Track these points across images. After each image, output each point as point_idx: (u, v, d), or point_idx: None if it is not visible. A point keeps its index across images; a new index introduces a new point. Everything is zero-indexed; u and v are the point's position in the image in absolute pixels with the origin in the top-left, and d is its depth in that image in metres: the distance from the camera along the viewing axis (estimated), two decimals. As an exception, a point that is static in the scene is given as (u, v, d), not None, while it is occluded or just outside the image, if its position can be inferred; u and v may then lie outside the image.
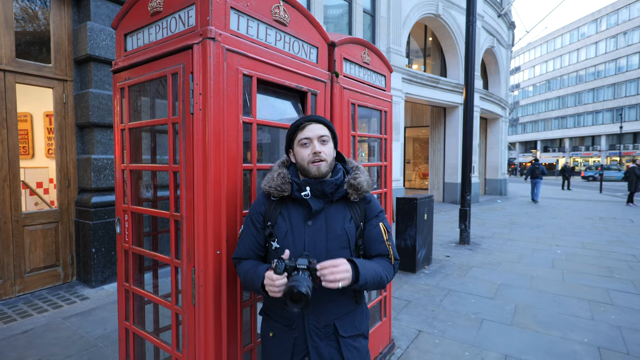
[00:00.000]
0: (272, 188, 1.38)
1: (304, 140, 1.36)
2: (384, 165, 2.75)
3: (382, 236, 1.42)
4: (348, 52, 2.30)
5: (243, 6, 1.61)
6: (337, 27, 9.13)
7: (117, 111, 1.91)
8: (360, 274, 1.25)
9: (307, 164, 1.36)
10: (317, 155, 1.34)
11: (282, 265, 1.22)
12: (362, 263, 1.30)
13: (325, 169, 1.36)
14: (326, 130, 1.39)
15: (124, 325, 1.98)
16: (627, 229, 8.56)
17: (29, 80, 4.00)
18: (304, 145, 1.37)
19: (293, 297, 1.16)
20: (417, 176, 19.48)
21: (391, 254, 1.42)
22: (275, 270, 1.22)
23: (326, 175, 1.38)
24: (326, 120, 1.43)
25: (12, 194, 3.91)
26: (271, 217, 1.41)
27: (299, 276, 1.20)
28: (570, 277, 4.89)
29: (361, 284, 1.26)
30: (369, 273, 1.29)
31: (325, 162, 1.36)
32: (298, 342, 1.38)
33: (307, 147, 1.36)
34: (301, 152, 1.37)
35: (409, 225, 5.13)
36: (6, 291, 3.88)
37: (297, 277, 1.20)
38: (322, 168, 1.36)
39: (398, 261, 1.47)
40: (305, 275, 1.21)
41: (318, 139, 1.36)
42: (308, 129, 1.37)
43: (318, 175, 1.36)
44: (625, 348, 3.02)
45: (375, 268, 1.33)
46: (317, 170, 1.35)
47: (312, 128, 1.37)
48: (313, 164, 1.35)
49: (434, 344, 3.07)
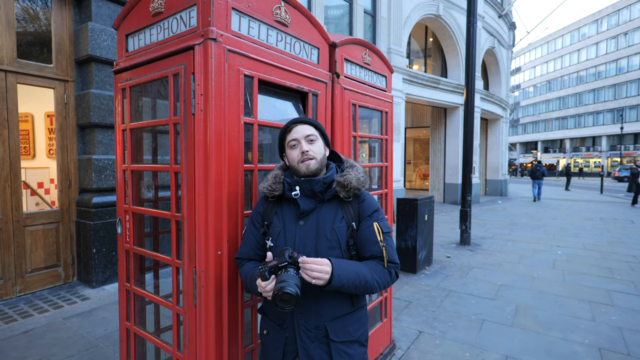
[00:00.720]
0: (264, 188, 1.43)
1: (292, 142, 1.40)
2: (384, 166, 2.75)
3: (376, 237, 1.35)
4: (349, 53, 2.30)
5: (244, 7, 1.61)
6: (337, 27, 9.13)
7: (119, 112, 1.91)
8: (334, 275, 1.20)
9: (297, 163, 1.38)
10: (305, 154, 1.36)
11: (267, 269, 1.23)
12: (342, 264, 1.25)
13: (314, 166, 1.37)
14: (312, 129, 1.42)
15: (124, 325, 1.98)
16: (628, 230, 8.54)
17: (30, 80, 4.00)
18: (293, 147, 1.40)
19: (282, 298, 1.16)
20: (418, 177, 19.49)
21: (385, 256, 1.34)
22: (262, 277, 1.23)
23: (317, 173, 1.39)
24: (312, 120, 1.45)
25: (13, 194, 3.91)
26: (268, 216, 1.44)
27: (286, 274, 1.19)
28: (571, 278, 4.88)
29: (336, 286, 1.22)
30: (348, 275, 1.23)
31: (314, 160, 1.37)
32: (289, 342, 1.37)
33: (295, 148, 1.39)
34: (291, 154, 1.40)
35: (410, 226, 5.13)
36: (7, 291, 3.88)
37: (284, 275, 1.19)
38: (311, 166, 1.37)
39: (396, 264, 1.37)
40: (291, 271, 1.20)
41: (305, 139, 1.38)
42: (294, 131, 1.40)
43: (308, 173, 1.37)
44: (626, 349, 3.01)
45: (359, 271, 1.27)
46: (307, 168, 1.36)
47: (298, 129, 1.40)
48: (302, 163, 1.37)
49: (434, 344, 3.06)
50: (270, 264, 1.24)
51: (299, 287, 1.17)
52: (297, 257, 1.23)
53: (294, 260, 1.22)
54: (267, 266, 1.23)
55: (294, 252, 1.25)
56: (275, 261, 1.24)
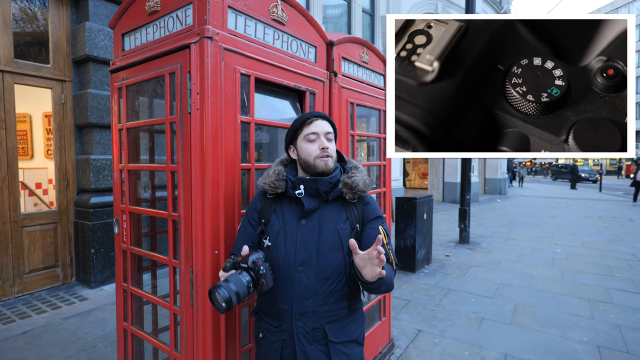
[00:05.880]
0: (266, 185, 1.37)
1: (312, 135, 1.33)
2: (383, 165, 2.74)
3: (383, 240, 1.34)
4: (347, 52, 2.30)
5: (241, 5, 1.60)
6: (336, 26, 9.12)
7: (115, 111, 1.90)
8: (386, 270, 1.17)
9: (314, 159, 1.33)
10: (325, 150, 1.32)
11: (230, 262, 1.23)
12: None
13: (332, 164, 1.35)
14: (331, 128, 1.39)
15: (122, 325, 1.97)
16: (627, 228, 8.55)
17: (28, 80, 3.99)
18: (310, 141, 1.34)
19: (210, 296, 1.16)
20: (417, 175, 19.48)
21: (392, 259, 1.34)
22: (223, 267, 1.24)
23: (333, 171, 1.36)
24: (331, 120, 1.43)
25: (11, 195, 3.90)
26: (265, 214, 1.39)
27: (236, 277, 1.18)
28: (570, 276, 4.88)
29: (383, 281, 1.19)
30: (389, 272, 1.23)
31: (331, 158, 1.35)
32: (287, 345, 1.35)
33: (314, 143, 1.33)
34: (308, 148, 1.34)
35: (409, 225, 5.12)
36: (5, 292, 3.87)
37: (233, 277, 1.18)
38: (329, 163, 1.34)
39: (398, 266, 1.41)
40: (242, 277, 1.18)
41: (325, 135, 1.35)
42: (315, 125, 1.34)
43: (326, 170, 1.33)
44: (624, 347, 3.01)
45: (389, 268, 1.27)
46: (325, 166, 1.33)
47: (319, 124, 1.35)
48: (321, 159, 1.33)
49: (433, 343, 3.06)
50: (237, 258, 1.24)
51: (238, 295, 1.14)
52: (261, 266, 1.21)
53: (255, 268, 1.20)
54: (232, 259, 1.24)
55: (261, 259, 1.22)
56: (241, 257, 1.23)
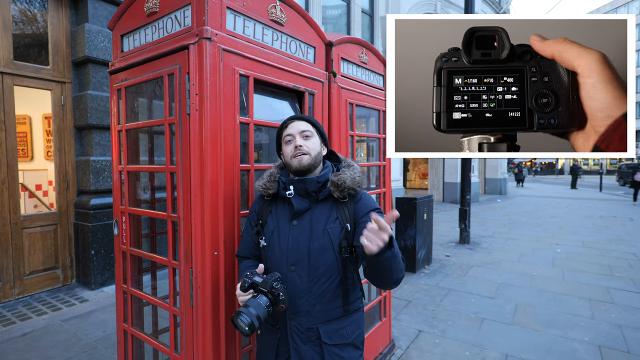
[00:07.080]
0: (259, 187, 1.43)
1: (288, 137, 1.40)
2: (382, 165, 2.74)
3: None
4: (346, 52, 2.29)
5: (239, 6, 1.61)
6: (335, 27, 9.13)
7: (114, 112, 1.90)
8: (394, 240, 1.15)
9: (290, 158, 1.38)
10: (298, 148, 1.36)
11: (248, 282, 1.24)
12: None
13: (307, 161, 1.36)
14: (308, 125, 1.41)
15: (122, 327, 1.97)
16: (628, 227, 8.54)
17: (27, 82, 3.99)
18: (288, 143, 1.40)
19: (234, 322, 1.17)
20: (417, 176, 19.45)
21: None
22: (241, 286, 1.25)
23: (309, 169, 1.37)
24: (308, 117, 1.46)
25: (11, 197, 3.90)
26: (263, 215, 1.43)
27: (254, 301, 1.19)
28: (570, 275, 4.88)
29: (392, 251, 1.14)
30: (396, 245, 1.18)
31: (307, 155, 1.36)
32: (281, 343, 1.37)
33: (289, 144, 1.39)
34: (286, 149, 1.40)
35: (409, 225, 5.12)
36: (5, 294, 3.87)
37: (252, 301, 1.19)
38: (303, 160, 1.35)
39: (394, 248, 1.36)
40: (263, 301, 1.20)
41: (300, 134, 1.38)
42: (290, 127, 1.41)
43: (300, 168, 1.35)
44: (625, 346, 3.01)
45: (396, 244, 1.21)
46: (299, 163, 1.35)
47: (294, 125, 1.40)
48: (295, 158, 1.36)
49: (434, 343, 3.06)
50: (254, 277, 1.25)
51: (259, 318, 1.16)
52: (280, 292, 1.22)
53: (274, 293, 1.22)
54: (251, 279, 1.25)
55: (279, 285, 1.24)
56: (261, 279, 1.24)
